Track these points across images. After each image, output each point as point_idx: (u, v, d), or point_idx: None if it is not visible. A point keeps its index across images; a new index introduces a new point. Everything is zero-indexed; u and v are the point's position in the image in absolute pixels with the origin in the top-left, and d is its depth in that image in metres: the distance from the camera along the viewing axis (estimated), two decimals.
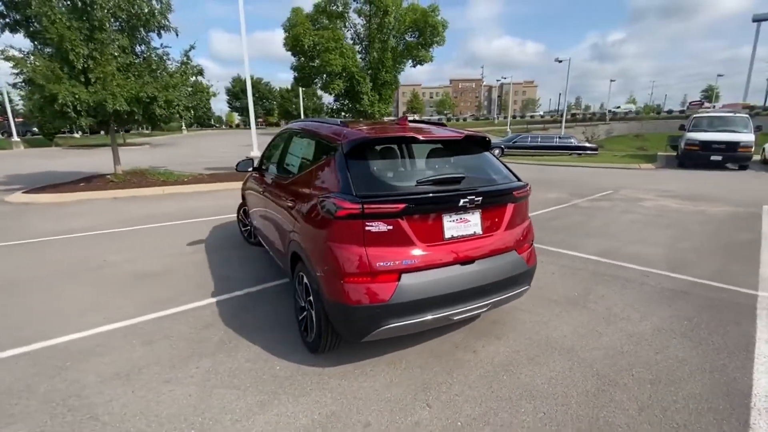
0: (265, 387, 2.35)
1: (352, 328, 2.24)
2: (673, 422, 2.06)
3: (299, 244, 2.59)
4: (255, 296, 3.64)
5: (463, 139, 2.67)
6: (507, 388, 2.35)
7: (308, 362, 2.60)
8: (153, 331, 2.99)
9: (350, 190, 2.22)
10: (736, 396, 2.26)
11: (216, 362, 2.60)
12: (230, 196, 8.85)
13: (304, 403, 2.21)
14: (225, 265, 4.44)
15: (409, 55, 12.18)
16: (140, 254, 4.83)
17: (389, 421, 2.09)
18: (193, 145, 29.59)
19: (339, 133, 2.59)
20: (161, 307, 3.40)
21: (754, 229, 5.94)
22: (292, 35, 10.83)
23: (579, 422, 2.06)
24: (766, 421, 2.06)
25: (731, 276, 4.06)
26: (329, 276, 2.25)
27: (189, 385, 2.37)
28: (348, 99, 12.37)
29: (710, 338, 2.89)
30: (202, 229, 6.03)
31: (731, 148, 13.11)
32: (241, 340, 2.89)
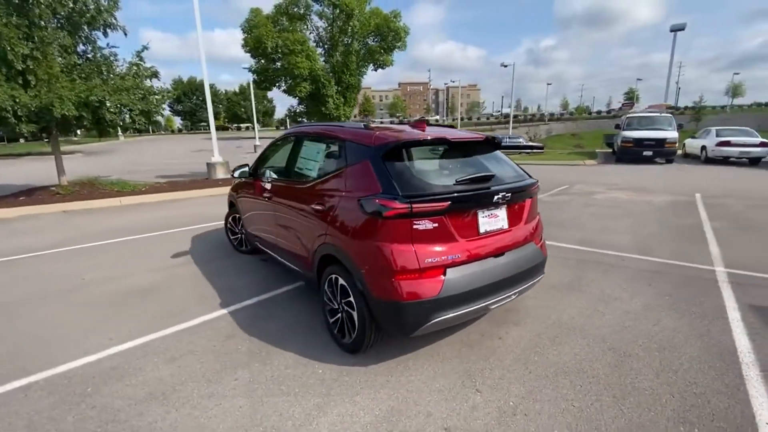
0: (315, 390, 2.36)
1: (404, 324, 2.32)
2: (685, 381, 2.38)
3: (335, 246, 2.62)
4: (267, 304, 3.57)
5: (483, 140, 2.85)
6: (541, 367, 2.55)
7: (349, 363, 2.63)
8: (172, 348, 2.84)
9: (395, 191, 2.30)
10: (726, 355, 2.65)
11: (254, 372, 2.55)
12: (201, 204, 8.43)
13: (360, 402, 2.25)
14: (222, 276, 4.27)
15: (371, 58, 12.33)
16: (121, 270, 4.48)
17: (447, 408, 2.19)
18: (135, 152, 27.44)
19: (370, 136, 2.65)
20: (170, 322, 3.22)
21: (695, 215, 6.80)
22: (254, 37, 10.53)
23: (613, 390, 2.31)
24: (755, 372, 2.44)
25: (689, 255, 4.66)
26: (378, 275, 2.32)
27: (235, 397, 2.30)
28: (312, 102, 12.25)
29: (691, 309, 3.32)
30: (180, 240, 5.71)
31: (660, 144, 14.78)
32: (270, 347, 2.84)
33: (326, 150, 3.11)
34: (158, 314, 3.38)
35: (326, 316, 2.94)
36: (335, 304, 2.80)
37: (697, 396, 2.25)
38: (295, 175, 3.46)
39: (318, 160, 3.16)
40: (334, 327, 2.84)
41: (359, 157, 2.64)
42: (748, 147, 14.03)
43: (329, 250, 2.70)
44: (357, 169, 2.61)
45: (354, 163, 2.67)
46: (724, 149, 14.48)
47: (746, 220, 6.30)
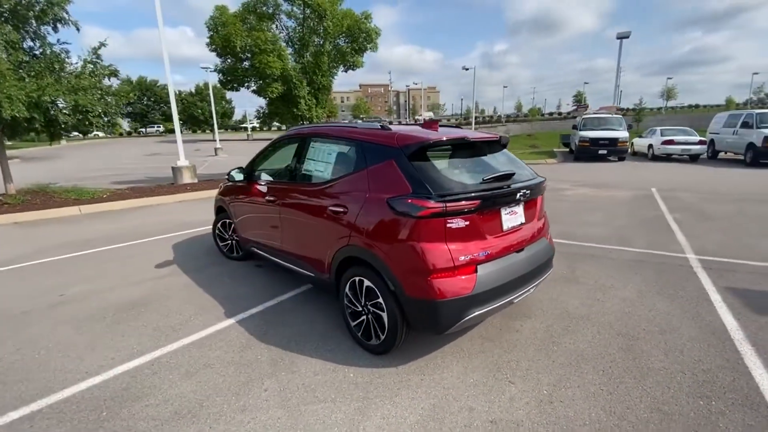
0: (352, 394, 2.32)
1: (439, 322, 2.34)
2: (692, 359, 2.59)
3: (362, 248, 2.59)
4: (275, 311, 3.45)
5: (496, 140, 2.95)
6: (563, 355, 2.68)
7: (378, 365, 2.62)
8: (184, 363, 2.68)
9: (426, 191, 2.32)
10: (719, 333, 2.91)
11: (282, 381, 2.46)
12: (173, 211, 7.98)
13: (401, 402, 2.25)
14: (218, 284, 4.07)
15: (342, 59, 12.26)
16: (103, 284, 4.15)
17: (486, 402, 2.24)
18: (81, 157, 25.40)
19: (392, 137, 2.66)
20: (174, 336, 3.03)
21: (656, 207, 7.39)
22: (222, 35, 10.09)
23: (632, 372, 2.47)
24: (748, 347, 2.71)
25: (663, 245, 5.06)
26: (412, 274, 2.32)
27: (270, 408, 2.22)
28: (283, 103, 11.96)
29: (678, 294, 3.61)
30: (160, 249, 5.37)
31: (613, 144, 15.87)
32: (292, 355, 2.76)
33: (339, 151, 3.07)
34: (159, 328, 3.17)
35: (347, 319, 2.89)
36: (358, 307, 2.77)
37: (706, 372, 2.46)
38: (302, 177, 3.37)
39: (330, 162, 3.11)
40: (358, 330, 2.81)
41: (382, 158, 2.63)
42: (689, 145, 15.43)
43: (353, 252, 2.67)
44: (380, 170, 2.60)
45: (376, 163, 2.66)
46: (668, 147, 15.83)
47: (701, 211, 6.94)
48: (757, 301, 3.38)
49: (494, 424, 2.07)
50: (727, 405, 2.16)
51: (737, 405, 2.16)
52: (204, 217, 7.27)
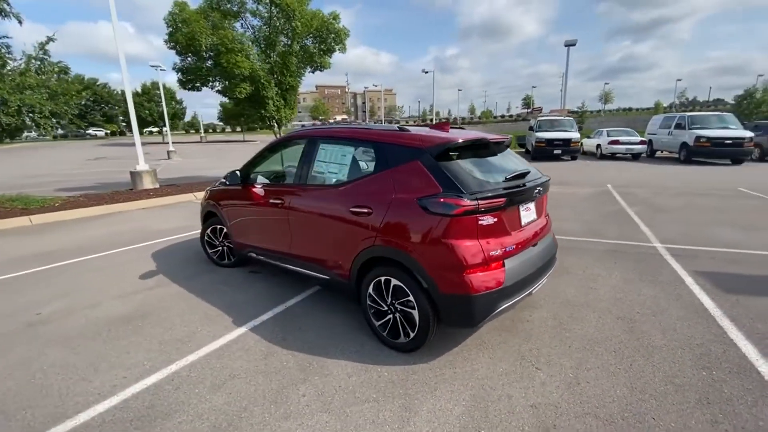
0: (393, 392, 2.35)
1: (474, 316, 2.43)
2: (685, 336, 2.89)
3: (390, 247, 2.61)
4: (287, 316, 3.38)
5: (504, 141, 3.10)
6: (576, 341, 2.88)
7: (409, 362, 2.66)
8: (208, 375, 2.56)
9: (458, 190, 2.41)
10: (701, 312, 3.26)
11: (317, 385, 2.43)
12: (140, 219, 7.46)
13: (442, 396, 2.31)
14: (216, 293, 3.90)
15: (310, 60, 12.10)
16: (83, 299, 3.82)
17: (521, 388, 2.37)
18: (12, 163, 22.91)
19: (415, 137, 2.72)
20: (186, 348, 2.88)
21: (615, 202, 8.04)
22: (186, 33, 9.57)
23: (639, 351, 2.72)
24: (728, 322, 3.06)
25: (631, 236, 5.54)
26: (447, 271, 2.39)
27: (314, 413, 2.19)
28: (251, 103, 11.57)
29: (657, 279, 3.99)
30: (138, 259, 5.03)
31: (566, 144, 17.00)
32: (319, 359, 2.72)
33: (355, 152, 3.07)
34: (166, 342, 2.99)
35: (371, 319, 2.91)
36: (383, 306, 2.80)
37: (700, 346, 2.76)
38: (313, 179, 3.33)
39: (345, 163, 3.10)
40: (383, 329, 2.83)
41: (405, 159, 2.68)
42: (632, 145, 16.90)
43: (380, 252, 2.69)
44: (405, 170, 2.65)
45: (399, 164, 2.70)
46: (614, 147, 17.24)
47: (655, 205, 7.65)
48: (724, 282, 3.82)
49: (535, 408, 2.19)
50: (725, 373, 2.45)
51: (734, 373, 2.45)
52: (178, 224, 6.90)
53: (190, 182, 11.61)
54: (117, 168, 18.18)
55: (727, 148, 14.12)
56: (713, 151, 14.35)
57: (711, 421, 2.07)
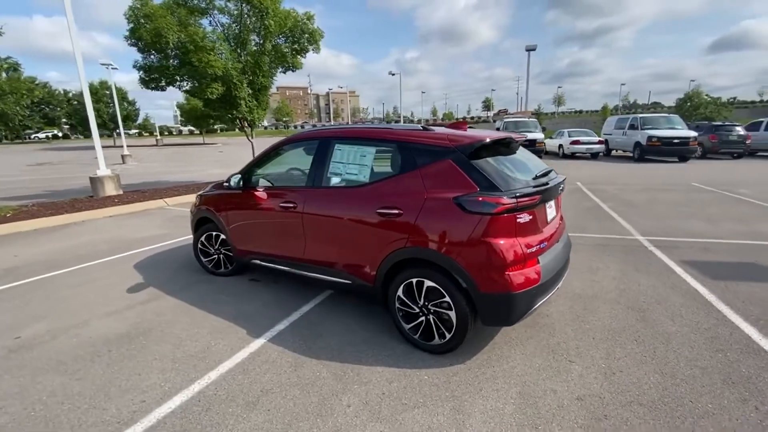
0: (439, 395, 2.31)
1: (514, 314, 2.44)
2: (693, 321, 3.08)
3: (425, 248, 2.57)
4: (304, 324, 3.24)
5: (523, 140, 3.16)
6: (597, 332, 2.98)
7: (445, 364, 2.63)
8: (238, 392, 2.39)
9: (495, 188, 2.42)
10: (697, 298, 3.50)
11: (360, 394, 2.34)
12: (109, 228, 6.91)
13: (489, 396, 2.30)
14: (218, 303, 3.66)
15: (283, 60, 11.80)
16: (66, 318, 3.45)
17: (562, 381, 2.41)
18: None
19: (444, 137, 2.70)
20: (203, 366, 2.68)
21: (589, 198, 8.49)
22: (152, 29, 8.97)
23: (658, 337, 2.86)
24: (723, 306, 3.30)
25: (613, 230, 5.86)
26: (487, 270, 2.39)
27: (366, 423, 2.10)
28: (222, 104, 11.07)
29: (649, 269, 4.24)
30: (119, 272, 4.64)
31: (532, 144, 17.70)
32: (353, 366, 2.63)
33: (377, 153, 3.00)
34: (179, 359, 2.76)
35: (400, 322, 2.85)
36: (415, 308, 2.75)
37: (708, 330, 2.95)
38: (328, 181, 3.22)
39: (365, 164, 3.02)
40: (414, 332, 2.79)
41: (435, 158, 2.65)
42: (591, 144, 17.96)
43: (413, 253, 2.64)
44: (436, 170, 2.63)
45: (428, 163, 2.67)
46: (575, 147, 18.22)
47: (625, 200, 8.16)
48: (708, 270, 4.13)
49: (581, 400, 2.24)
50: (738, 354, 2.63)
51: (745, 353, 2.64)
52: (154, 232, 6.45)
53: (157, 187, 10.91)
54: (66, 174, 16.78)
55: (675, 147, 15.36)
56: (663, 150, 15.56)
57: (740, 399, 2.21)
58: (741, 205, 7.38)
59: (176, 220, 7.49)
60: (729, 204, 7.55)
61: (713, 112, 29.36)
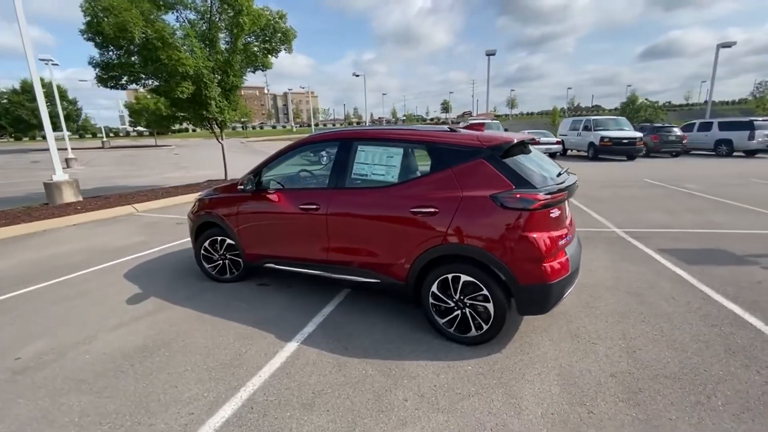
0: (488, 383, 2.43)
1: (548, 303, 2.62)
2: (685, 302, 3.45)
3: (463, 244, 2.69)
4: (332, 325, 3.24)
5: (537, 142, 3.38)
6: (608, 316, 3.25)
7: (482, 354, 2.75)
8: (289, 395, 2.37)
9: (529, 185, 2.59)
10: (682, 281, 3.91)
11: (412, 389, 2.41)
12: (81, 238, 6.41)
13: (534, 380, 2.46)
14: (232, 310, 3.56)
15: (254, 59, 11.50)
16: (68, 335, 3.20)
17: (593, 362, 2.62)
18: None
19: (474, 137, 2.84)
20: (242, 373, 2.61)
21: None
22: (116, 22, 8.35)
23: (660, 317, 3.18)
24: (705, 287, 3.72)
25: (591, 223, 6.33)
26: (525, 262, 2.55)
27: (429, 415, 2.17)
28: (191, 104, 10.56)
29: (633, 258, 4.66)
30: (110, 282, 4.34)
31: None
32: (397, 363, 2.68)
33: (404, 153, 3.07)
34: (213, 368, 2.67)
35: (434, 317, 2.95)
36: (450, 303, 2.86)
37: (699, 308, 3.33)
38: (352, 182, 3.24)
39: (394, 164, 3.08)
40: (449, 326, 2.89)
41: (467, 158, 2.78)
42: (551, 144, 19.09)
43: (450, 250, 2.75)
44: (470, 169, 2.75)
45: (461, 163, 2.79)
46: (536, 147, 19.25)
47: (592, 196, 8.80)
48: (683, 256, 4.61)
49: (615, 377, 2.46)
50: (731, 328, 3.00)
51: (736, 326, 3.01)
52: (133, 240, 6.08)
53: (121, 193, 10.20)
54: (1, 180, 15.18)
55: (624, 147, 16.74)
56: (614, 149, 16.89)
57: (743, 365, 2.53)
58: (692, 199, 8.24)
59: (152, 226, 7.08)
60: (681, 198, 8.40)
61: (652, 115, 32.38)
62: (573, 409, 2.19)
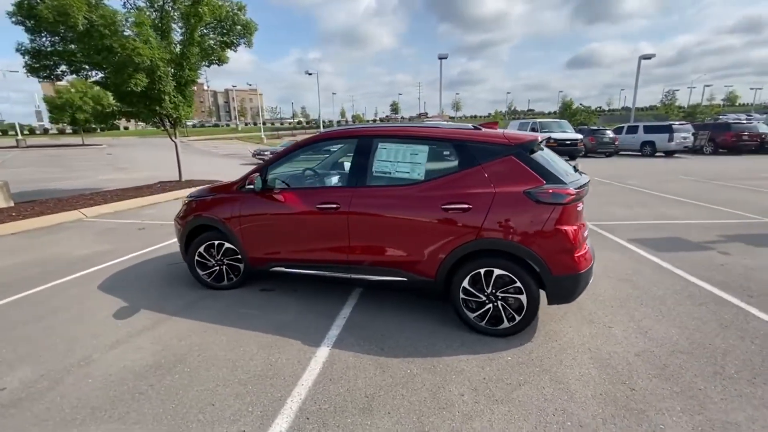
0: (531, 371, 2.52)
1: (576, 291, 2.78)
2: (669, 283, 3.83)
3: (499, 239, 2.76)
4: (356, 326, 3.15)
5: None
6: (613, 301, 3.51)
7: (514, 345, 2.84)
8: (340, 402, 2.27)
9: (559, 180, 2.73)
10: (660, 267, 4.34)
11: (464, 383, 2.42)
12: (33, 247, 5.66)
13: (571, 363, 2.59)
14: (244, 318, 3.33)
15: (212, 52, 10.86)
16: (55, 357, 2.79)
17: (616, 344, 2.82)
18: None
19: (501, 135, 2.93)
20: (280, 383, 2.46)
21: None
22: (55, 5, 7.39)
23: (656, 300, 3.50)
24: (682, 272, 4.17)
25: None
26: (559, 254, 2.69)
27: (490, 406, 2.21)
28: (142, 99, 9.67)
29: (610, 247, 5.08)
30: (81, 296, 3.86)
31: None
32: (438, 360, 2.68)
33: (429, 151, 3.08)
34: (246, 381, 2.49)
35: (464, 312, 2.99)
36: (481, 297, 2.92)
37: (684, 289, 3.72)
38: (375, 180, 3.18)
39: (419, 162, 3.07)
40: (480, 320, 2.96)
41: (496, 155, 2.87)
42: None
43: (485, 245, 2.81)
44: (499, 166, 2.84)
45: (490, 160, 2.87)
46: None
47: None
48: (652, 245, 5.12)
49: (639, 356, 2.67)
50: (715, 305, 3.39)
51: (719, 304, 3.41)
52: (95, 249, 5.48)
53: (60, 197, 9.08)
54: None
55: (568, 147, 18.13)
56: (559, 150, 18.19)
57: (739, 337, 2.88)
58: (638, 194, 9.16)
59: (111, 233, 6.40)
60: (629, 193, 9.30)
61: (586, 119, 35.54)
62: (616, 388, 2.35)
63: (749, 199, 8.19)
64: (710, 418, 2.09)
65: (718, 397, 2.25)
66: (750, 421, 2.06)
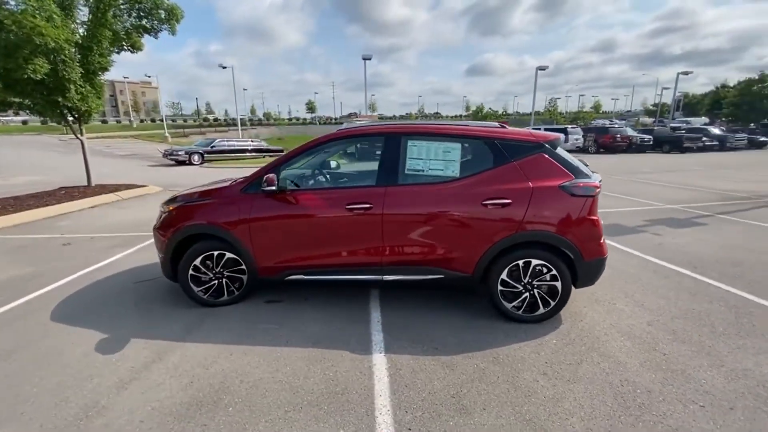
0: (579, 350, 2.74)
1: (599, 274, 3.10)
2: (654, 271, 4.47)
3: (539, 231, 2.93)
4: (395, 328, 3.07)
5: None
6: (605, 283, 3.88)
7: (548, 331, 3.03)
8: (432, 405, 2.21)
9: (585, 175, 3.01)
10: (619, 250, 5.04)
11: (529, 369, 2.54)
12: None
13: (606, 341, 2.89)
14: (266, 334, 3.01)
15: (128, 37, 9.47)
16: (61, 407, 2.19)
17: (627, 317, 3.22)
18: None
19: (529, 133, 3.12)
20: (354, 398, 2.30)
21: None
22: None
23: (650, 286, 4.04)
24: (656, 259, 4.90)
25: None
26: (590, 241, 2.97)
27: (567, 385, 2.35)
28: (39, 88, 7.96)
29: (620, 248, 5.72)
30: (33, 330, 3.09)
31: None
32: (494, 352, 2.75)
33: (462, 148, 3.13)
34: (320, 402, 2.26)
35: (501, 303, 3.11)
36: (518, 287, 3.08)
37: (646, 266, 4.38)
38: (406, 179, 3.13)
39: (453, 159, 3.09)
40: (517, 309, 3.12)
41: (527, 152, 3.05)
42: None
43: (526, 237, 2.96)
44: (533, 162, 3.02)
45: (522, 157, 3.04)
46: None
47: None
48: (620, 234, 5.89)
49: (651, 325, 3.09)
50: (678, 277, 4.06)
51: (679, 276, 4.10)
52: (17, 272, 4.45)
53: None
54: None
55: None
56: None
57: (707, 300, 3.51)
58: None
59: (24, 252, 5.19)
60: None
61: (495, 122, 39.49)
62: (652, 355, 2.69)
63: (646, 190, 9.92)
64: (732, 368, 2.52)
65: (725, 351, 2.72)
66: (757, 366, 2.54)
